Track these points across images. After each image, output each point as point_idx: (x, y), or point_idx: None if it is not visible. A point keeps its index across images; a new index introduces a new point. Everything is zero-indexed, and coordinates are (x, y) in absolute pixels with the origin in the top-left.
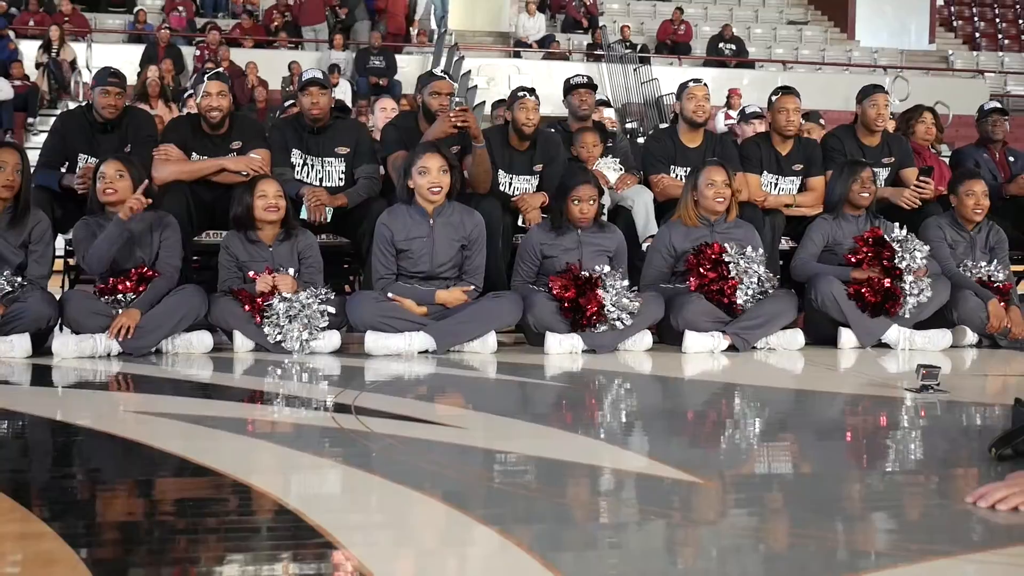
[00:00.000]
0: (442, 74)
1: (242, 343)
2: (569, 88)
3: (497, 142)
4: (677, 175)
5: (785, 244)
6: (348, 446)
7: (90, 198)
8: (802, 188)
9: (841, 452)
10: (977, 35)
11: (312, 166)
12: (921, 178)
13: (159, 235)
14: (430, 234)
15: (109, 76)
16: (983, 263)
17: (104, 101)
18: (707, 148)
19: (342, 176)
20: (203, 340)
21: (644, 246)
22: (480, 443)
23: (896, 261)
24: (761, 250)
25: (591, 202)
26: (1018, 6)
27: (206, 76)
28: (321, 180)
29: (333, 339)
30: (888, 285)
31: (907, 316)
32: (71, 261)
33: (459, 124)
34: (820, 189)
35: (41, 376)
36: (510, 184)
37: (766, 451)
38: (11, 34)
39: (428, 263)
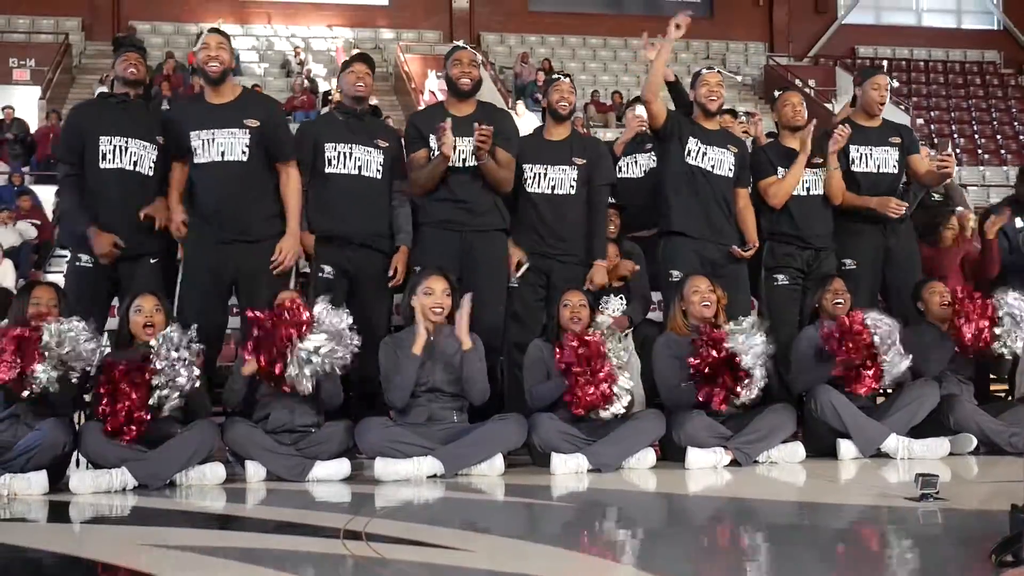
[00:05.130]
0: (464, 45)
1: (254, 472)
2: None
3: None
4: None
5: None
6: (360, 573)
7: (119, 331)
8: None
9: (849, 564)
10: (958, 151)
11: (349, 154)
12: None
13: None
14: (430, 355)
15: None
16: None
17: (124, 67)
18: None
19: (379, 169)
20: (216, 472)
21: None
22: (489, 566)
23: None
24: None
25: (581, 306)
26: (995, 123)
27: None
28: (360, 169)
29: (343, 466)
30: (870, 353)
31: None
32: (86, 397)
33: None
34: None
35: (58, 513)
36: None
37: (775, 566)
38: (25, 179)
39: (428, 381)
